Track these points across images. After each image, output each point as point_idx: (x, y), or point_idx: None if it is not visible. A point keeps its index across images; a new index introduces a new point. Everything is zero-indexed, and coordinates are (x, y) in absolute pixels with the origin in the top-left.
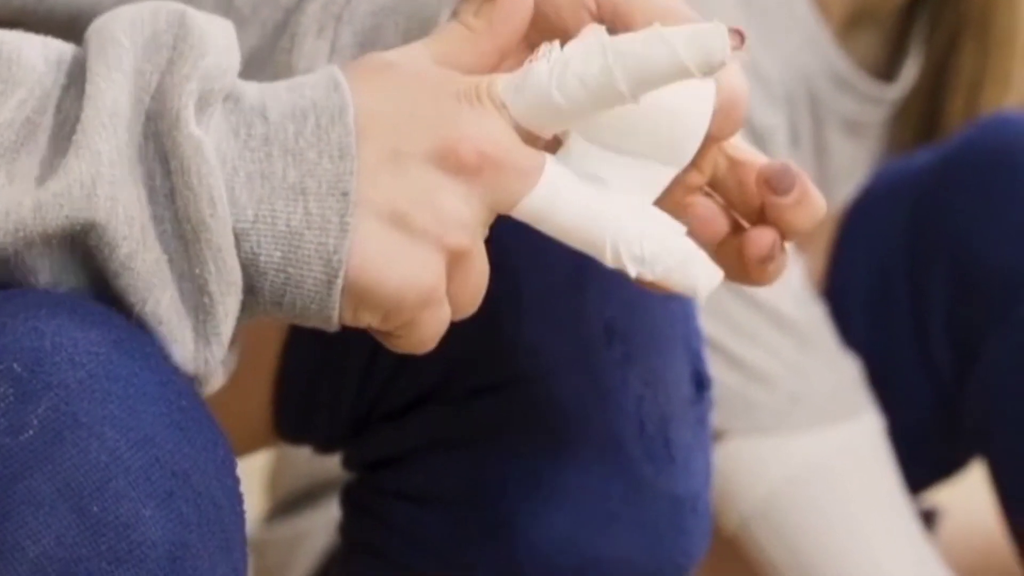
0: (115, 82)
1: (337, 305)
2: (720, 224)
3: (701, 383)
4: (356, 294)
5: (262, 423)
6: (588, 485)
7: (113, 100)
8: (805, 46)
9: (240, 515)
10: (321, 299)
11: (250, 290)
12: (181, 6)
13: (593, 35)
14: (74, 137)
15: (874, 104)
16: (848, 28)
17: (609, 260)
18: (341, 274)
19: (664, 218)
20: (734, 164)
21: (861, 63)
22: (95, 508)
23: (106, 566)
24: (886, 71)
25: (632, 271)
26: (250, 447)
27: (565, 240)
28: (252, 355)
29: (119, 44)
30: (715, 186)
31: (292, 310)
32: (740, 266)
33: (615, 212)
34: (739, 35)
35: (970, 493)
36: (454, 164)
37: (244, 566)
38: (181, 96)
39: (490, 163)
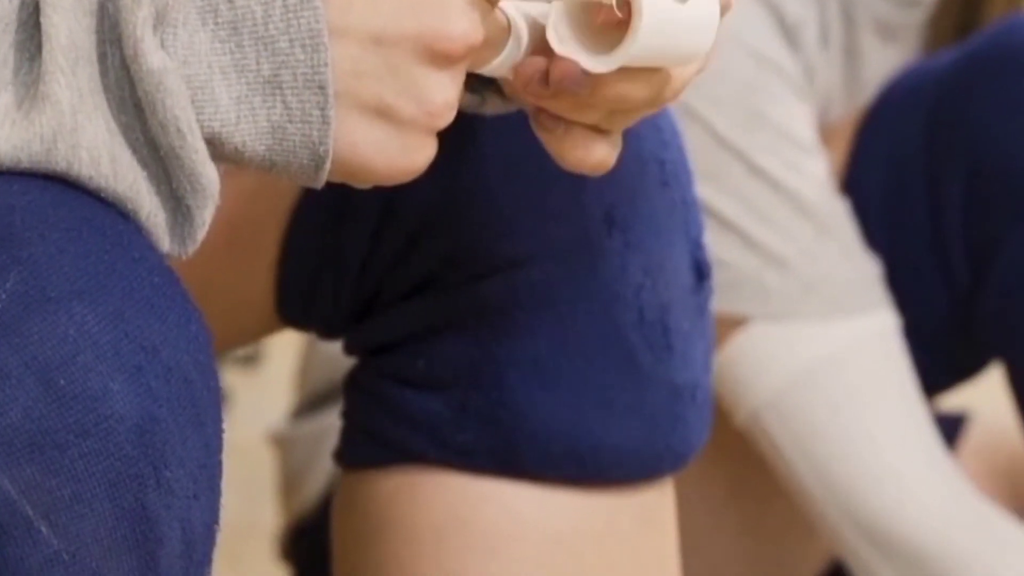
0: (67, 10)
1: (324, 181)
2: None
3: (701, 272)
4: (346, 175)
5: (266, 309)
6: (586, 372)
7: (68, 35)
8: None
9: (213, 390)
10: (308, 178)
11: (238, 165)
12: None
13: None
14: (40, 87)
15: (909, 6)
16: None
17: None
18: (328, 161)
19: None
20: None
21: None
22: (62, 381)
23: (73, 438)
24: None
25: None
26: (256, 332)
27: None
28: (254, 241)
29: None
30: None
31: (280, 179)
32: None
33: None
34: None
35: (1000, 396)
36: (440, 55)
37: (218, 440)
38: (136, 26)
39: (471, 48)
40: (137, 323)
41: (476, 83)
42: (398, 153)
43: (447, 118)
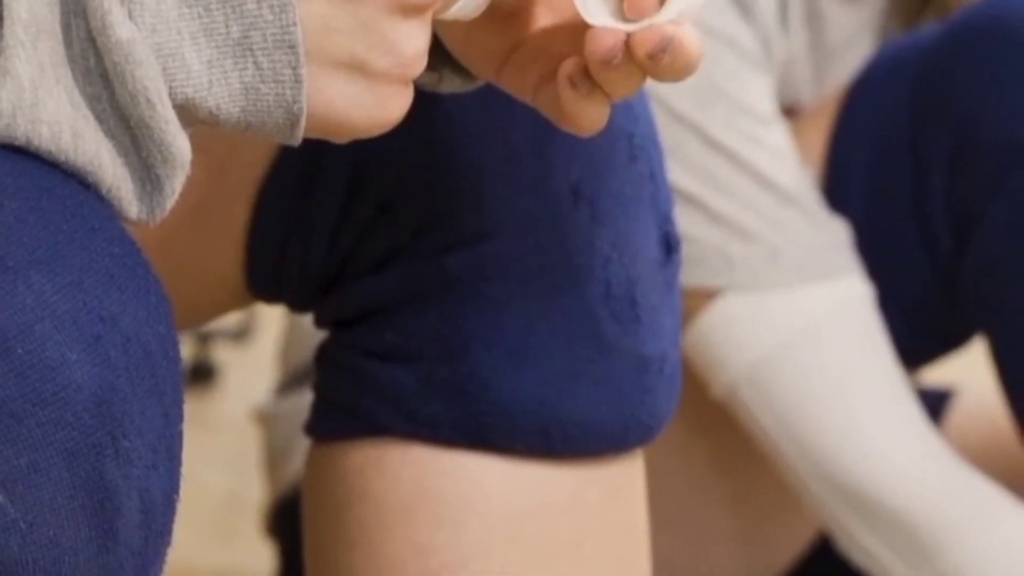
0: None
1: (300, 138)
2: None
3: (670, 246)
4: (322, 131)
5: (236, 282)
6: (554, 345)
7: (29, 8)
8: None
9: (173, 361)
10: (284, 137)
11: (214, 127)
12: None
13: None
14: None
15: None
16: None
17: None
18: (303, 119)
19: None
20: None
21: None
22: (20, 351)
23: (31, 407)
24: None
25: None
26: (226, 306)
27: None
28: (223, 214)
29: None
30: None
31: (256, 137)
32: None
33: None
34: None
35: (986, 373)
36: (407, 5)
37: (177, 410)
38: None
39: None
40: (96, 293)
41: (433, 61)
42: (374, 106)
43: (419, 67)
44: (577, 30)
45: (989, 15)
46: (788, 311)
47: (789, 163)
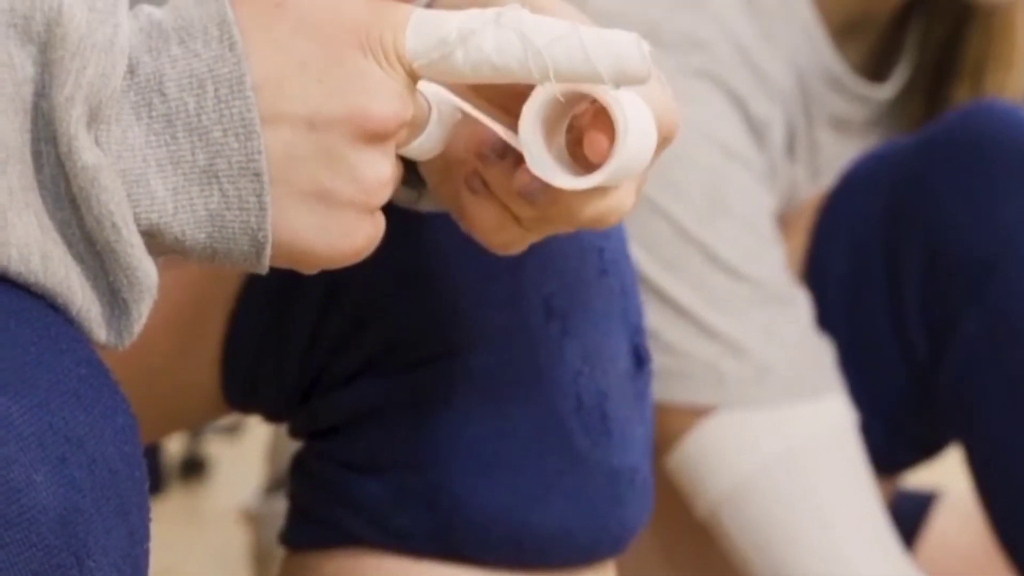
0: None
1: (267, 266)
2: None
3: (641, 358)
4: (288, 260)
5: (212, 392)
6: (525, 457)
7: None
8: (803, 46)
9: (139, 480)
10: (251, 265)
11: (180, 254)
12: None
13: (510, 18)
14: None
15: (862, 103)
16: (845, 30)
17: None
18: (268, 246)
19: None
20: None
21: (854, 64)
22: None
23: None
24: (876, 71)
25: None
26: (202, 416)
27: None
28: (199, 326)
29: None
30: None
31: (223, 266)
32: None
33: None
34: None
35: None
36: (371, 133)
37: (144, 530)
38: (69, 124)
39: (402, 125)
40: (62, 414)
41: (412, 179)
42: (338, 235)
43: (383, 196)
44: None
45: (958, 129)
46: (772, 432)
47: (786, 280)
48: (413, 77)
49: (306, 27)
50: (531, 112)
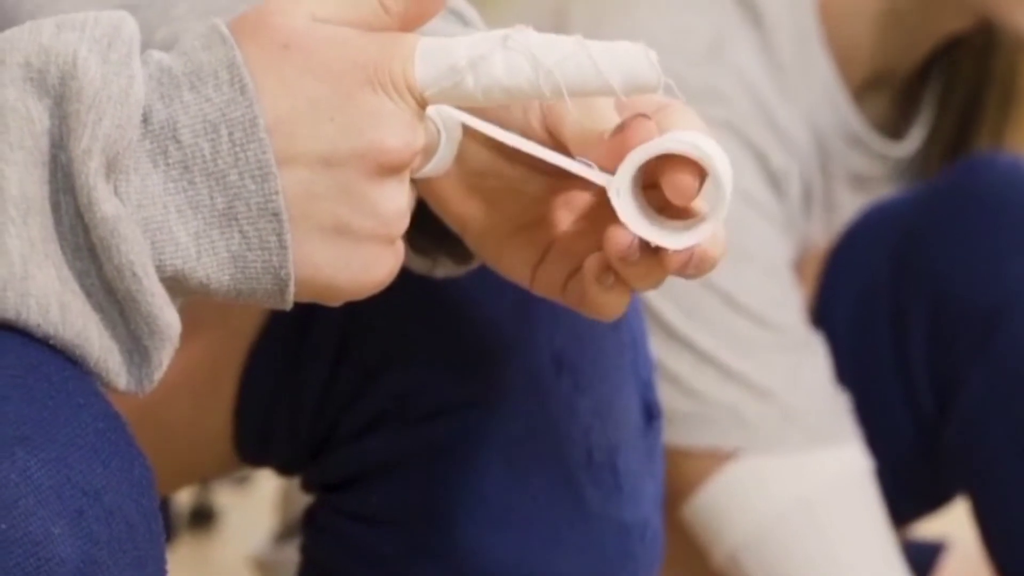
0: (18, 163)
1: (292, 302)
2: None
3: (651, 412)
4: (312, 295)
5: (224, 448)
6: (536, 510)
7: (19, 185)
8: (822, 103)
9: (156, 533)
10: (275, 302)
11: (206, 296)
12: (71, 49)
13: (516, 41)
14: None
15: (881, 161)
16: (865, 87)
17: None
18: (291, 284)
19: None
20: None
21: (872, 120)
22: (3, 525)
23: None
24: (895, 128)
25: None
26: (216, 470)
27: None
28: (212, 381)
29: (16, 112)
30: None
31: (248, 304)
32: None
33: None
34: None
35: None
36: (386, 166)
37: None
38: (88, 176)
39: (416, 154)
40: (80, 468)
41: (427, 246)
42: (360, 268)
43: (402, 226)
44: (597, 227)
45: (964, 182)
46: (793, 478)
47: (806, 327)
48: (423, 105)
49: (314, 66)
50: (626, 178)
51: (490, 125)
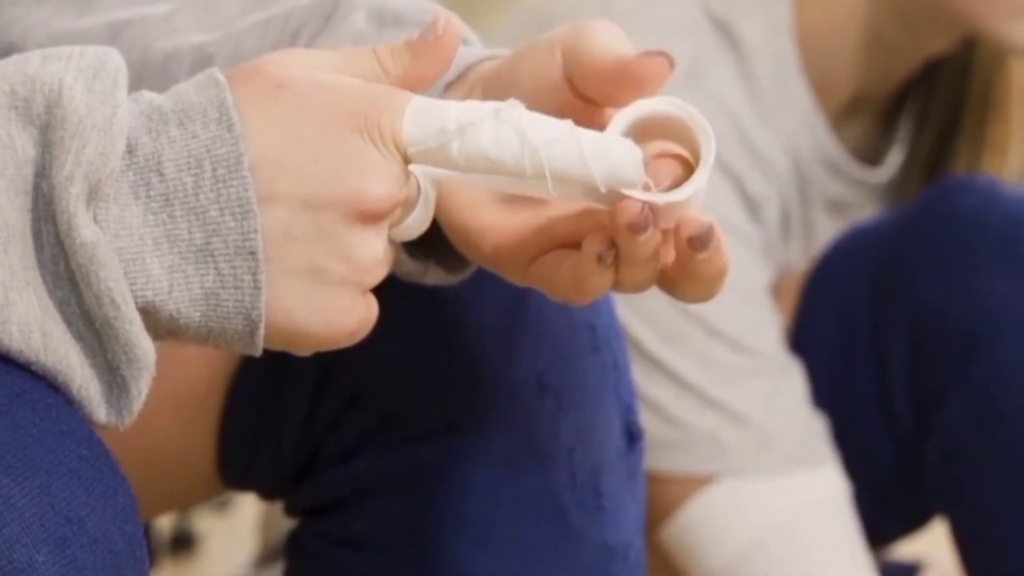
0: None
1: (261, 347)
2: None
3: (632, 435)
4: (282, 340)
5: (208, 472)
6: (520, 532)
7: (0, 213)
8: (801, 130)
9: (140, 560)
10: (245, 345)
11: (175, 334)
12: (57, 78)
13: (508, 114)
14: None
15: (859, 187)
16: (842, 113)
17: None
18: (262, 326)
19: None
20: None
21: (850, 146)
22: None
23: None
24: (872, 154)
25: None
26: (199, 496)
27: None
28: (196, 407)
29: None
30: None
31: (218, 347)
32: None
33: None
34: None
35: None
36: (366, 213)
37: None
38: (68, 201)
39: (396, 205)
40: (63, 495)
41: (418, 252)
42: (332, 314)
43: (377, 275)
44: (591, 214)
45: (940, 204)
46: (771, 501)
47: (784, 352)
48: (407, 162)
49: (306, 107)
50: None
51: (474, 178)
